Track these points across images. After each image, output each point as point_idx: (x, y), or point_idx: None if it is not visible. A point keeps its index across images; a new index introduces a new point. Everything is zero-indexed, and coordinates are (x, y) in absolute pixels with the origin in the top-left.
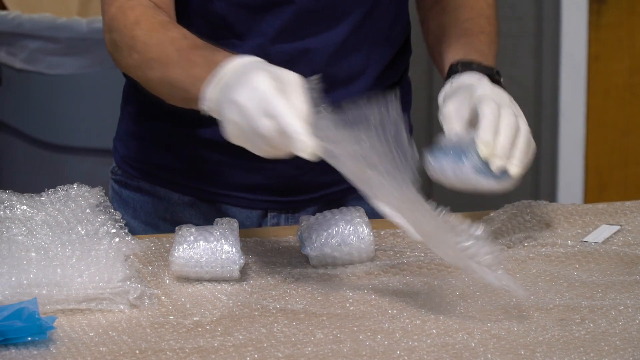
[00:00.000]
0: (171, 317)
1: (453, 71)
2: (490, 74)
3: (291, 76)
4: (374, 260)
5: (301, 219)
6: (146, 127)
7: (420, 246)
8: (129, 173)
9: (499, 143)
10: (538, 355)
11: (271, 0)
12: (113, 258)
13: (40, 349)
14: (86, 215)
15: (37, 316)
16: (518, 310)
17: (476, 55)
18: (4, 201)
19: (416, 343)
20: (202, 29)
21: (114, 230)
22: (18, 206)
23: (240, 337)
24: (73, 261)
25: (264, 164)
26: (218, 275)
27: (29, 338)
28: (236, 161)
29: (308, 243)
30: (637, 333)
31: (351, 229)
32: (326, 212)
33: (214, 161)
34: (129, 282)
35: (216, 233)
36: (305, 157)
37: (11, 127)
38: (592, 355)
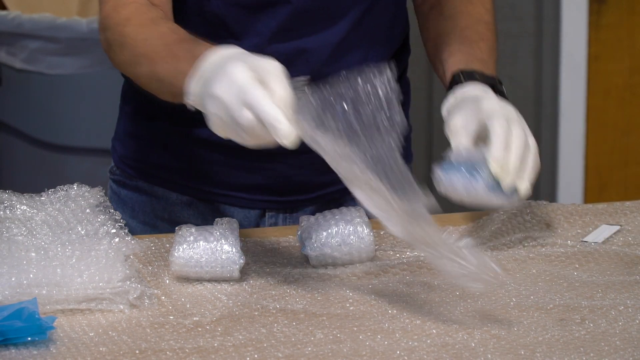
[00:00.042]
0: (171, 317)
1: (455, 81)
2: (492, 84)
3: (270, 64)
4: (374, 260)
5: (301, 219)
6: (144, 127)
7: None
8: (127, 173)
9: (511, 161)
10: (538, 355)
11: (267, 0)
12: (113, 258)
13: (40, 349)
14: (86, 215)
15: (37, 316)
16: (518, 310)
17: (477, 63)
18: (4, 201)
19: (416, 343)
20: (199, 29)
21: (114, 230)
22: (18, 206)
23: (240, 337)
24: (73, 261)
25: (263, 164)
26: (218, 275)
27: (29, 338)
28: (234, 161)
29: (308, 243)
30: (637, 333)
31: (351, 229)
32: (326, 212)
33: (212, 161)
34: (129, 282)
35: (216, 233)
36: (287, 145)
37: (11, 127)
38: (592, 355)
